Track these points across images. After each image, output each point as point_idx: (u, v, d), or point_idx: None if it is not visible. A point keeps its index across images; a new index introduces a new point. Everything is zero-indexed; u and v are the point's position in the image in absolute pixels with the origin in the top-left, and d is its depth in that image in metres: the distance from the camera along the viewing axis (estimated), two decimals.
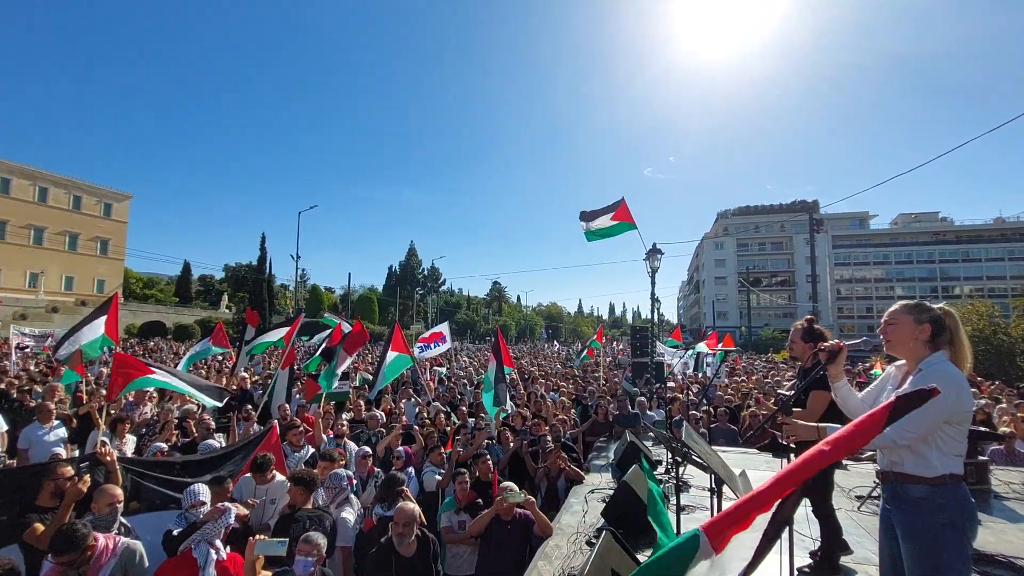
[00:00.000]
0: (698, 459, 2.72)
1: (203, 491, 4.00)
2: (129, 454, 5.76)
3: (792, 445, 2.98)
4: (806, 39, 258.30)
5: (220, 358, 17.44)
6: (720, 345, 17.41)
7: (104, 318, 7.79)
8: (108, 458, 4.27)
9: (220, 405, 6.63)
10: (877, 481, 2.48)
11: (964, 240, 69.16)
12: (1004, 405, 9.33)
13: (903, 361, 2.53)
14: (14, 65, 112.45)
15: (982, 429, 6.03)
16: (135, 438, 6.42)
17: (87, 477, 3.81)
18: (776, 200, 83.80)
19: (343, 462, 5.30)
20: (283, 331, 9.89)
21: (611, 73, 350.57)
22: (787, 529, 2.65)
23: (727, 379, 14.12)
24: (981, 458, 5.60)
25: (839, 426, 2.54)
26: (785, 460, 2.65)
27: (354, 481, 4.71)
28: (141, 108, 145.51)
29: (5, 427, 6.96)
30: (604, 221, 10.54)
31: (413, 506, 4.02)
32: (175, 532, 3.65)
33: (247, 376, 10.87)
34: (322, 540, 3.39)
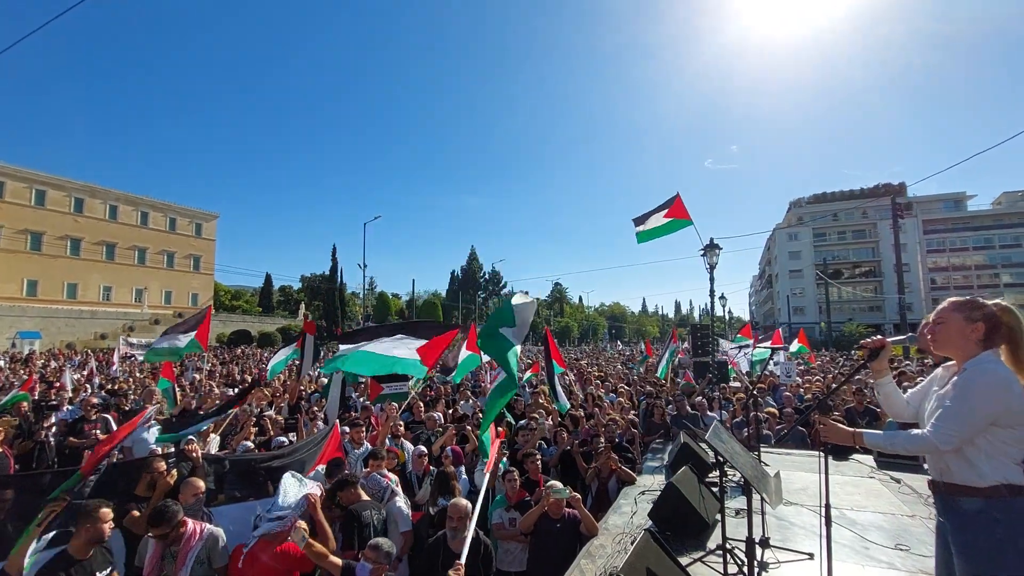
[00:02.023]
0: (725, 459, 2.68)
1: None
2: (213, 452, 6.37)
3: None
4: (884, 8, 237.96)
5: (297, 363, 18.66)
6: (796, 342, 16.48)
7: (196, 330, 8.75)
8: (194, 454, 4.80)
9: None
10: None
11: None
12: None
13: (952, 362, 2.37)
14: (123, 106, 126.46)
15: None
16: (219, 438, 7.07)
17: (174, 471, 4.30)
18: (856, 185, 77.51)
19: (394, 461, 5.59)
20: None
21: (665, 62, 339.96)
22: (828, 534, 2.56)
23: (799, 378, 13.34)
24: None
25: (878, 432, 2.43)
26: (824, 459, 2.54)
27: (391, 479, 4.94)
28: (226, 134, 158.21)
29: (115, 427, 7.91)
30: (657, 219, 10.29)
31: (466, 502, 4.19)
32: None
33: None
34: (390, 548, 3.44)
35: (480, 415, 8.30)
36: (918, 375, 10.77)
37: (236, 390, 10.49)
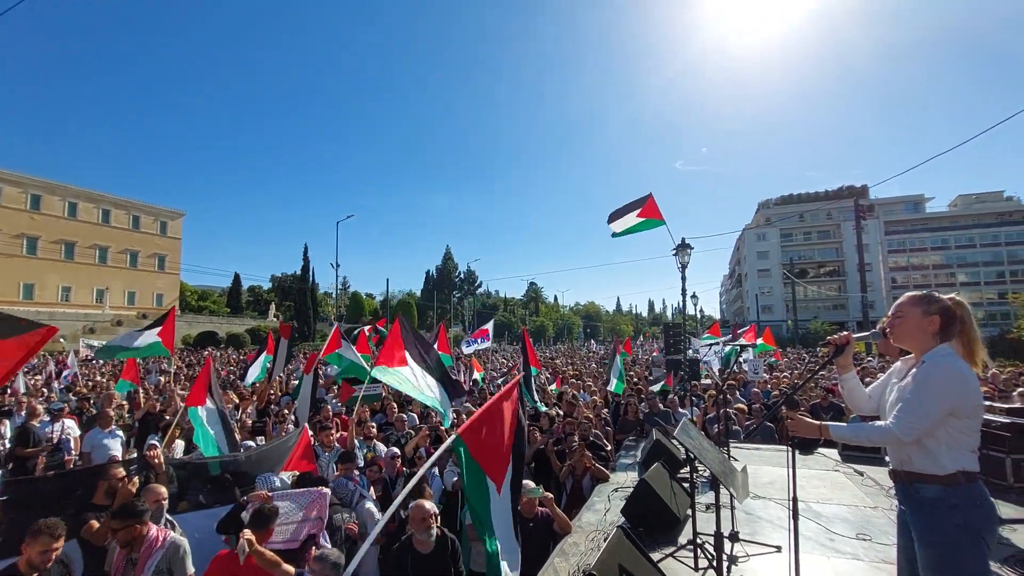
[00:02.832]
0: (693, 455, 2.70)
1: (277, 480, 4.29)
2: (178, 456, 6.16)
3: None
4: (846, 17, 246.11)
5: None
6: (759, 339, 16.86)
7: (159, 329, 8.43)
8: (156, 460, 4.61)
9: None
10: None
11: None
12: None
13: (911, 355, 2.44)
14: (85, 100, 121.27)
15: None
16: (184, 442, 6.84)
17: (136, 479, 4.13)
18: (821, 187, 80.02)
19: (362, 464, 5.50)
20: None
21: (640, 66, 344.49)
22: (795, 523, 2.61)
23: (766, 375, 13.68)
24: None
25: (843, 424, 2.49)
26: (791, 454, 2.59)
27: (358, 482, 4.87)
28: (192, 130, 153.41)
29: (78, 432, 7.58)
30: (631, 219, 10.40)
31: (430, 504, 4.14)
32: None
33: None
34: (337, 558, 3.38)
35: (455, 417, 8.24)
36: (879, 371, 11.14)
37: None
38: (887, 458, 6.24)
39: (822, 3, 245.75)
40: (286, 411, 7.87)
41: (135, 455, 6.73)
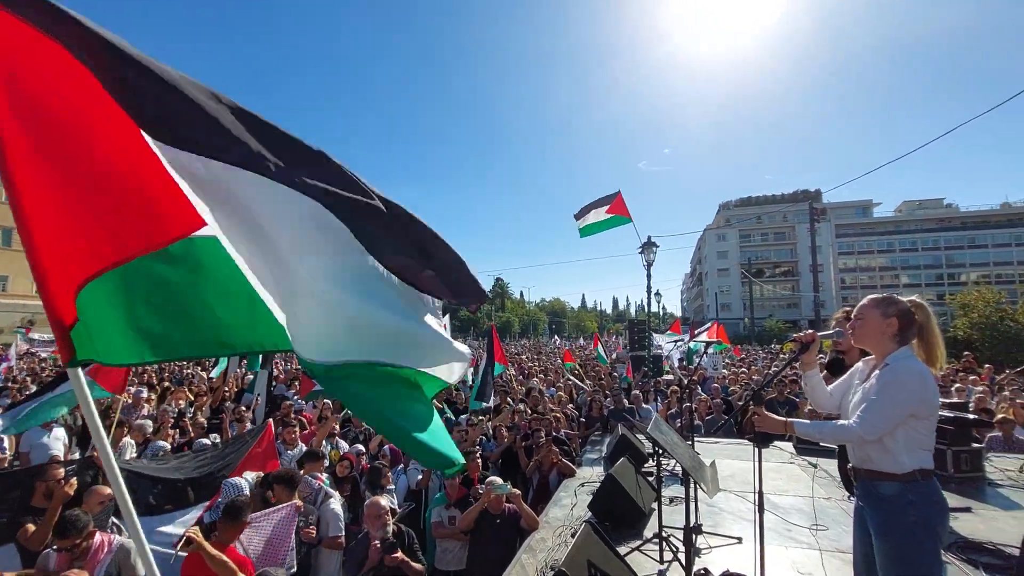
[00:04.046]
0: (665, 450, 2.73)
1: (246, 485, 4.07)
2: (127, 457, 5.83)
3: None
4: (807, 27, 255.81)
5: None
6: (715, 336, 17.38)
7: None
8: (101, 461, 4.34)
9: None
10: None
11: (970, 226, 68.38)
12: (1006, 392, 9.29)
13: (871, 356, 2.52)
14: None
15: (972, 416, 6.00)
16: (134, 442, 6.48)
17: (73, 481, 3.88)
18: (778, 190, 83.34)
19: (325, 462, 5.35)
20: None
21: (609, 67, 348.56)
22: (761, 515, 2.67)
23: (725, 371, 14.10)
24: (975, 445, 5.57)
25: (808, 422, 2.56)
26: (756, 449, 2.64)
27: (324, 480, 4.73)
28: None
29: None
30: (599, 215, 10.53)
31: (384, 500, 4.09)
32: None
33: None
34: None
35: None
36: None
37: (153, 391, 9.69)
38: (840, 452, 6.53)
39: (782, 16, 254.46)
40: (243, 408, 7.58)
41: (76, 456, 6.36)
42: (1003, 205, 69.21)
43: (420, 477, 5.60)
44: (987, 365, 14.31)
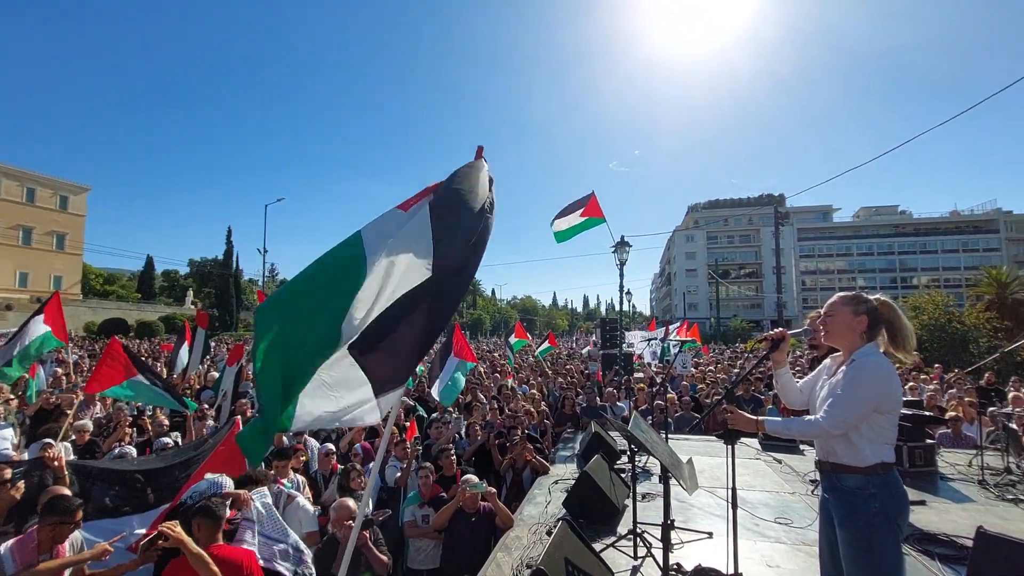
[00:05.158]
0: (645, 447, 2.76)
1: (228, 483, 3.88)
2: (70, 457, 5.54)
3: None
4: (773, 36, 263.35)
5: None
6: (687, 335, 17.77)
7: (42, 317, 7.52)
8: (56, 463, 4.11)
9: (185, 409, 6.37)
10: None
11: (922, 232, 71.79)
12: (954, 391, 9.79)
13: (839, 353, 2.60)
14: None
15: (927, 414, 6.29)
16: (69, 444, 6.11)
17: (20, 484, 3.66)
18: (744, 194, 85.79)
19: (304, 458, 5.22)
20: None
21: (584, 68, 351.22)
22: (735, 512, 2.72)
23: (693, 369, 14.39)
24: (928, 441, 5.84)
25: (777, 419, 2.62)
26: (731, 447, 2.69)
27: (288, 481, 4.62)
28: (99, 97, 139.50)
29: None
30: (574, 218, 10.59)
31: (351, 502, 4.03)
32: None
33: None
34: None
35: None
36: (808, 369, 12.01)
37: None
38: (803, 447, 6.76)
39: (750, 25, 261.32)
40: (205, 407, 7.32)
41: (25, 456, 6.00)
42: (952, 213, 72.97)
43: (399, 475, 5.52)
44: (936, 365, 15.06)
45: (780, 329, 2.75)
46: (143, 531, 3.71)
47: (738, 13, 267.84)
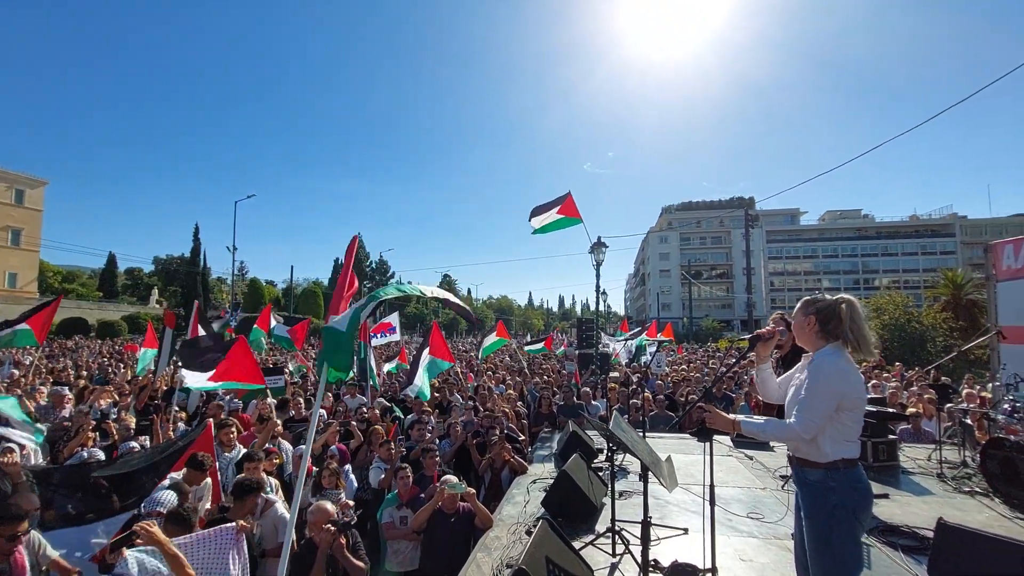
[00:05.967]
0: (626, 446, 2.80)
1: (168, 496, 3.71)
2: (33, 462, 5.32)
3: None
4: (743, 42, 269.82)
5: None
6: (660, 335, 18.05)
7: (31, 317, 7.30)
8: (13, 468, 3.94)
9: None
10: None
11: (883, 236, 74.57)
12: (915, 388, 10.19)
13: (810, 352, 2.69)
14: None
15: (890, 411, 6.53)
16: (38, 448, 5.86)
17: None
18: (715, 196, 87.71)
19: (278, 461, 5.11)
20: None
21: (560, 70, 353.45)
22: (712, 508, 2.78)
23: (668, 368, 14.64)
24: (891, 437, 6.06)
25: (753, 420, 2.69)
26: (708, 445, 2.75)
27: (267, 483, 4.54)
28: (59, 89, 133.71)
29: None
30: (551, 216, 10.66)
31: (330, 505, 4.00)
32: None
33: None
34: None
35: (364, 410, 7.92)
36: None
37: (69, 389, 8.89)
38: (773, 444, 6.93)
39: (721, 33, 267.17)
40: (175, 409, 7.09)
41: None
42: (912, 217, 76.02)
43: (383, 476, 5.46)
44: (897, 363, 15.68)
45: (771, 327, 2.84)
46: (106, 541, 3.57)
47: (710, 21, 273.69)
